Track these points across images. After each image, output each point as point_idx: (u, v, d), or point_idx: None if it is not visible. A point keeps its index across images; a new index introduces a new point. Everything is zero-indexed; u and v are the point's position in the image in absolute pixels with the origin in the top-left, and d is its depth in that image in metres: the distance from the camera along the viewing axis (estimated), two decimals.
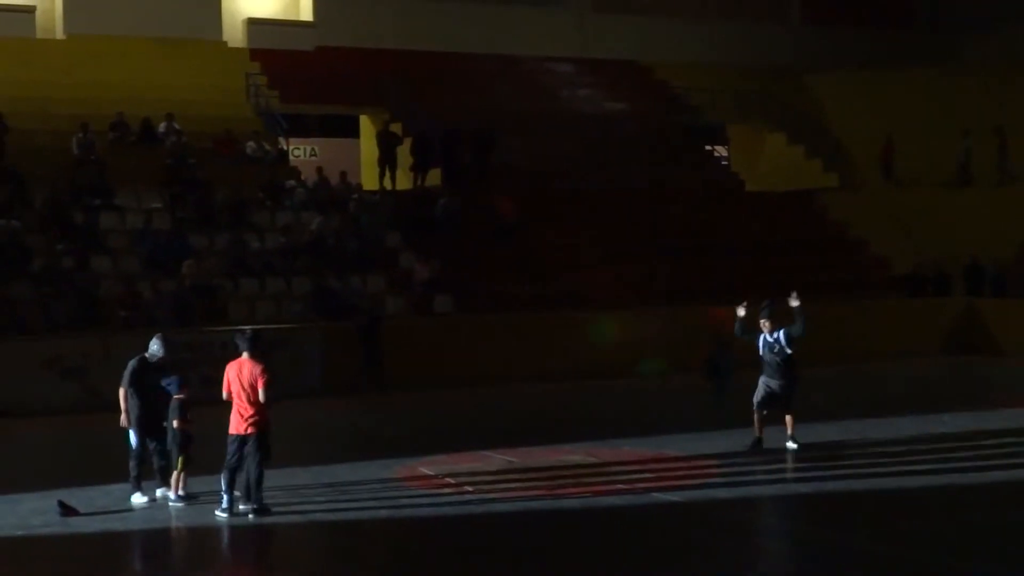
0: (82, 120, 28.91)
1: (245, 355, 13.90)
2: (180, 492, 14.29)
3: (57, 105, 30.28)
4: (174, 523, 13.77)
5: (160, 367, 14.58)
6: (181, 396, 14.31)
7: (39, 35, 33.32)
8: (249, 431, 13.74)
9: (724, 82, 39.21)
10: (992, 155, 35.04)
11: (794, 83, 41.09)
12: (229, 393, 13.85)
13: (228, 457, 13.81)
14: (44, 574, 12.26)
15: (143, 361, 14.54)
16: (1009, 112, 35.67)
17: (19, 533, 13.40)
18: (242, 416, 13.75)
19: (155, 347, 14.63)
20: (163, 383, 14.38)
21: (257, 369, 13.80)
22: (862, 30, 43.17)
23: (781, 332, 17.09)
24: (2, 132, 27.77)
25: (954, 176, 35.58)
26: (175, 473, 14.29)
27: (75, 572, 12.31)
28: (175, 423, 14.21)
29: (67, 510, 13.99)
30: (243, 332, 14.31)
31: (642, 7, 40.93)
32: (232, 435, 13.82)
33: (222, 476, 13.81)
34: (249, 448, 13.73)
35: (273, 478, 15.78)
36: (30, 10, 33.20)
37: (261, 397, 13.76)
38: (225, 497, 13.77)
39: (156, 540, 13.33)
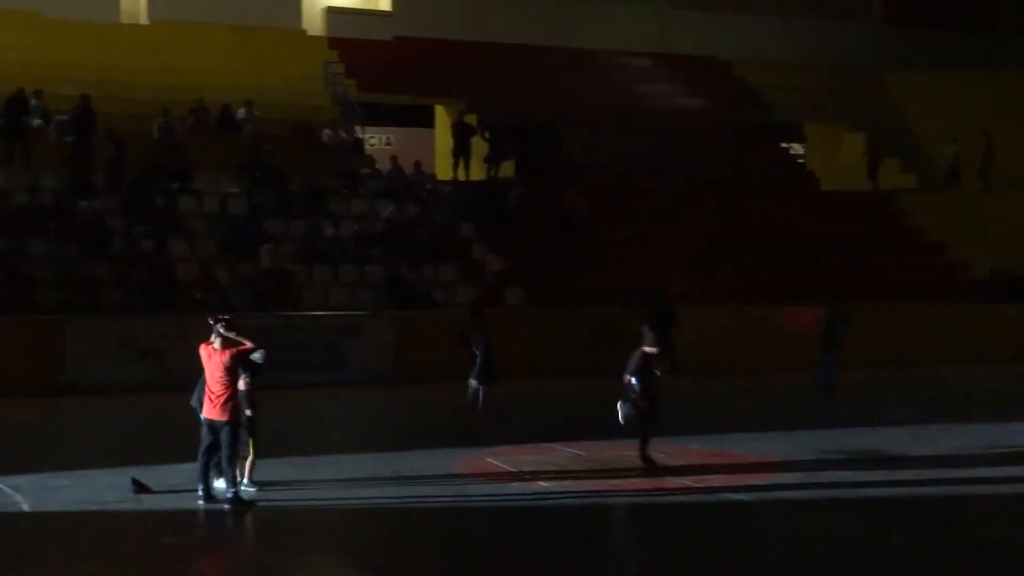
0: (163, 105, 29.31)
1: (216, 340, 13.58)
2: (251, 478, 14.39)
3: (139, 90, 30.70)
4: (241, 506, 13.91)
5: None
6: (250, 382, 14.26)
7: (123, 20, 33.81)
8: (219, 417, 13.50)
9: (802, 80, 38.91)
10: None
11: (873, 83, 40.68)
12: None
13: (200, 443, 13.66)
14: (116, 549, 12.47)
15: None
16: None
17: (93, 508, 13.65)
18: (211, 401, 13.52)
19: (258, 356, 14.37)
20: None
21: (227, 355, 13.49)
22: (943, 31, 42.62)
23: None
24: (90, 117, 28.18)
25: None
26: (248, 460, 14.39)
27: (145, 548, 12.52)
28: (247, 411, 14.13)
29: (140, 487, 14.20)
30: (219, 317, 13.78)
31: (720, 3, 40.69)
32: (204, 419, 13.64)
33: (201, 463, 13.69)
34: (223, 436, 13.48)
35: (342, 466, 15.99)
36: None
37: (230, 383, 13.47)
38: (200, 485, 13.66)
39: (224, 521, 13.51)
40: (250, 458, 14.31)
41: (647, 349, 16.14)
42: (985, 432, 19.32)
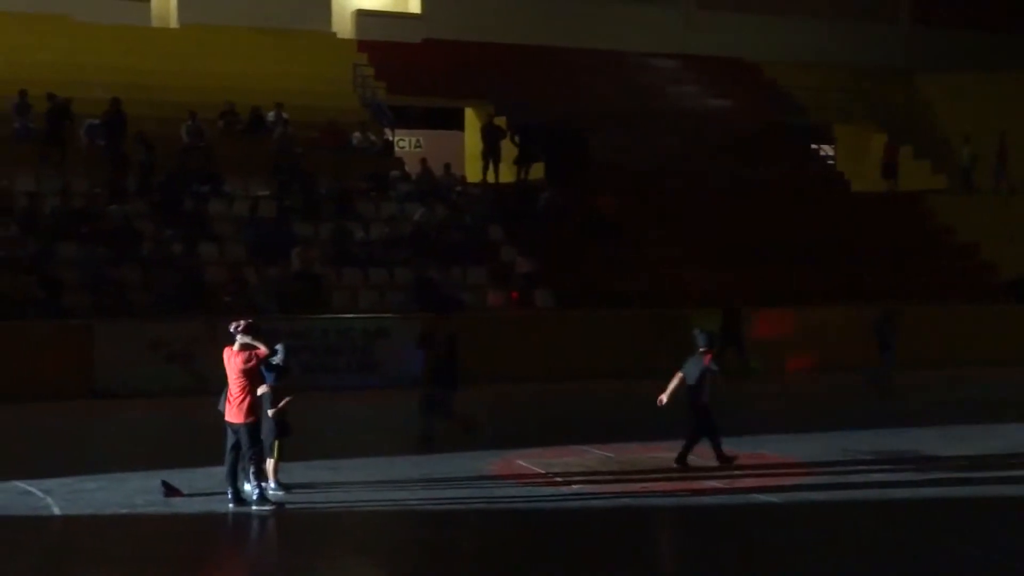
0: (193, 108, 29.39)
1: (237, 343, 13.55)
2: (276, 480, 14.36)
3: (169, 93, 30.81)
4: (268, 508, 13.90)
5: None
6: (274, 385, 14.13)
7: (154, 24, 33.97)
8: (237, 419, 13.49)
9: (831, 81, 38.74)
10: None
11: (904, 84, 40.46)
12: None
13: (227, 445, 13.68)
14: (145, 552, 12.49)
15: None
16: None
17: (123, 511, 13.67)
18: (230, 403, 13.54)
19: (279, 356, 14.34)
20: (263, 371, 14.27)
21: (241, 357, 13.47)
22: (974, 31, 42.37)
23: None
24: (121, 120, 28.32)
25: None
26: (272, 462, 14.35)
27: (175, 551, 12.53)
28: (268, 412, 14.10)
29: (170, 490, 14.22)
30: (240, 323, 13.71)
31: (748, 4, 40.58)
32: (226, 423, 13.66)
33: (228, 465, 13.71)
34: (242, 438, 13.49)
35: (371, 468, 15.98)
36: None
37: (246, 385, 13.44)
38: (229, 488, 13.67)
39: (254, 523, 13.51)
40: (274, 460, 14.29)
41: (703, 350, 15.91)
42: (1018, 433, 19.15)
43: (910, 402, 23.46)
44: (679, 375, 16.07)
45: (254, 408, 13.57)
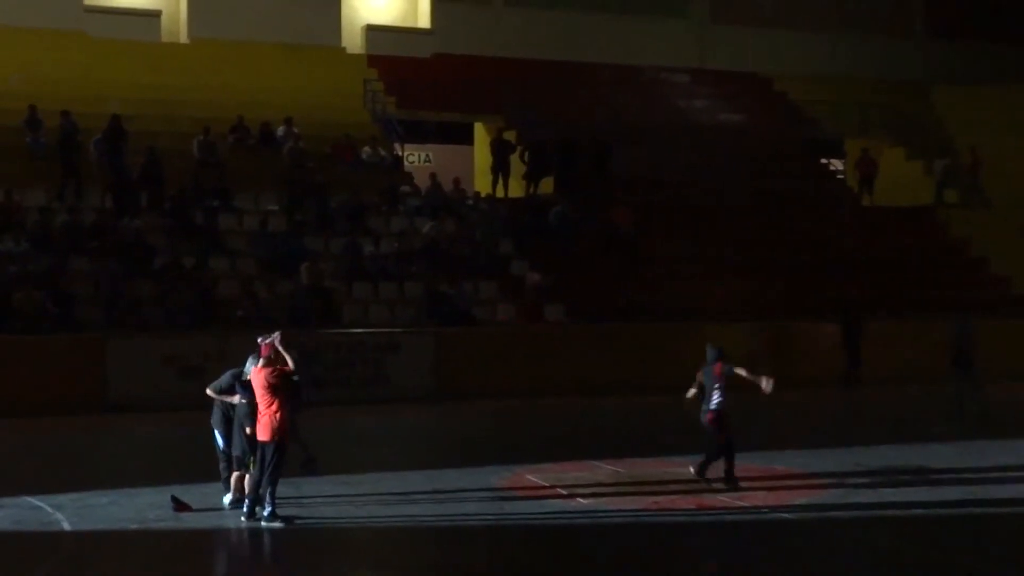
0: (204, 123, 29.46)
1: (261, 361, 13.54)
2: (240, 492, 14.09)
3: (180, 107, 30.89)
4: (278, 525, 13.86)
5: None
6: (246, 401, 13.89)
7: (164, 39, 34.08)
8: (265, 437, 13.43)
9: (844, 95, 38.68)
10: None
11: (918, 97, 40.40)
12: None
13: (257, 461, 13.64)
14: (155, 568, 12.47)
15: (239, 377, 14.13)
16: None
17: (134, 526, 13.66)
18: (259, 420, 13.50)
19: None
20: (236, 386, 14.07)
21: (266, 373, 13.44)
22: (989, 45, 42.28)
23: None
24: (120, 134, 28.27)
25: None
26: (237, 475, 14.11)
27: (185, 567, 12.51)
28: (247, 429, 13.82)
29: (180, 505, 14.20)
30: (265, 336, 13.70)
31: (762, 18, 40.56)
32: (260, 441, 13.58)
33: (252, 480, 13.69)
34: (267, 454, 13.42)
35: (382, 483, 15.95)
36: (156, 14, 34.02)
37: (272, 401, 13.39)
38: (246, 502, 13.65)
39: (265, 539, 13.48)
40: (248, 475, 13.96)
41: (718, 367, 15.78)
42: None
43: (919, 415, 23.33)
44: (692, 391, 15.98)
45: (282, 425, 13.49)
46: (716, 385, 15.62)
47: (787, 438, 20.06)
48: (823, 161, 39.93)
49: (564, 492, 15.44)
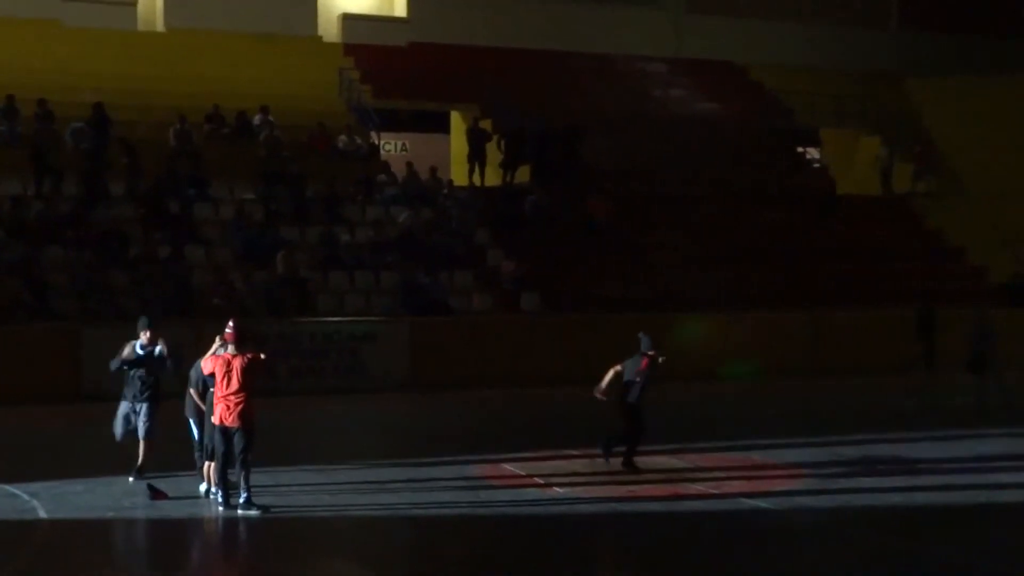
0: (180, 112, 29.36)
1: (230, 348, 13.57)
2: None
3: (156, 97, 30.76)
4: (256, 512, 13.87)
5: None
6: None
7: (141, 28, 33.93)
8: (236, 424, 13.44)
9: (820, 85, 38.80)
10: None
11: (893, 88, 40.55)
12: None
13: (218, 449, 13.62)
14: (132, 555, 12.48)
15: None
16: None
17: (110, 514, 13.67)
18: (228, 407, 13.47)
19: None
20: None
21: (244, 360, 13.47)
22: (963, 36, 42.45)
23: None
24: (104, 124, 28.25)
25: None
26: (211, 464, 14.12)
27: (162, 555, 12.52)
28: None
29: (157, 493, 14.22)
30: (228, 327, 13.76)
31: (737, 8, 40.62)
32: (218, 425, 13.57)
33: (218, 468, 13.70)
34: (236, 440, 13.44)
35: (358, 472, 15.98)
36: (132, 3, 33.88)
37: (244, 388, 13.44)
38: (220, 491, 13.66)
39: (241, 527, 13.49)
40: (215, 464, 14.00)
41: (649, 353, 16.03)
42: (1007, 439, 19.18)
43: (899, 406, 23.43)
44: (615, 369, 16.19)
45: (251, 412, 13.53)
46: (638, 380, 15.91)
47: (761, 427, 20.15)
48: (799, 150, 40.06)
49: (541, 481, 15.50)
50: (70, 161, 27.65)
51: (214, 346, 13.96)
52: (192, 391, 14.48)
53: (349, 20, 36.08)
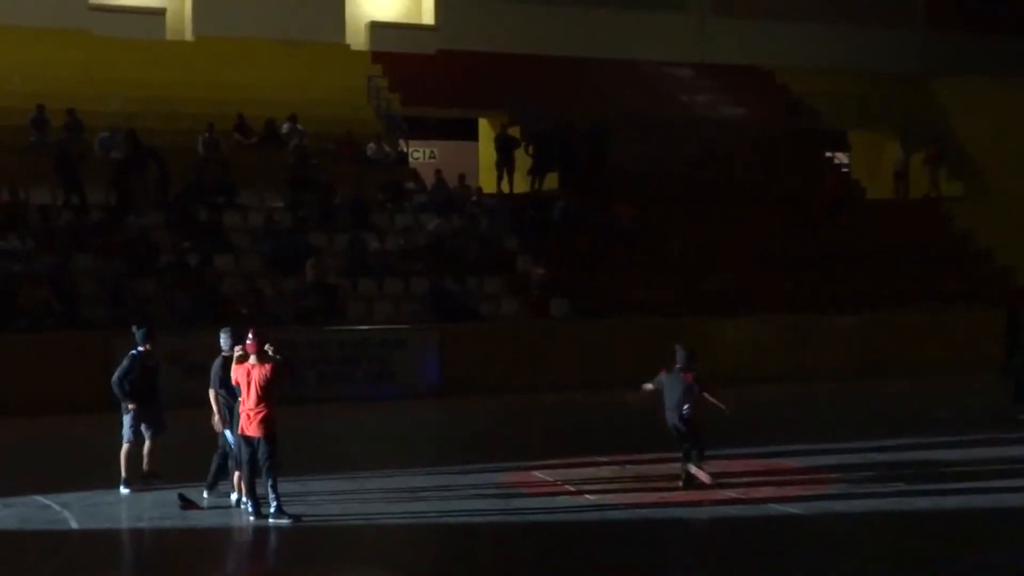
0: (208, 120, 29.47)
1: (253, 357, 13.55)
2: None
3: (184, 105, 30.90)
4: (288, 521, 13.88)
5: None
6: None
7: (169, 37, 34.08)
8: (258, 433, 13.44)
9: (846, 87, 38.65)
10: None
11: (920, 89, 40.35)
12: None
13: (243, 458, 13.63)
14: (163, 566, 12.50)
15: (226, 359, 14.29)
16: None
17: (141, 525, 13.70)
18: (248, 416, 13.47)
19: (224, 341, 14.45)
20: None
21: (266, 369, 13.45)
22: (991, 37, 42.19)
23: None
24: (134, 133, 28.21)
25: None
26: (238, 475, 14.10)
27: (193, 565, 12.53)
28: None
29: (188, 503, 14.24)
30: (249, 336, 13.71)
31: (762, 11, 40.46)
32: (238, 436, 13.60)
33: (245, 479, 13.70)
34: (261, 450, 13.43)
35: (388, 480, 15.97)
36: (161, 12, 34.01)
37: (265, 397, 13.41)
38: (250, 502, 13.67)
39: (272, 536, 13.50)
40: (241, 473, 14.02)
41: (690, 376, 15.40)
42: None
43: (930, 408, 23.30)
44: (648, 387, 15.64)
45: (272, 420, 13.54)
46: (684, 395, 15.13)
47: (789, 432, 20.07)
48: (828, 155, 39.91)
49: (572, 489, 15.46)
50: (99, 170, 27.79)
51: (236, 353, 13.91)
52: (211, 392, 14.40)
53: (377, 28, 36.14)
